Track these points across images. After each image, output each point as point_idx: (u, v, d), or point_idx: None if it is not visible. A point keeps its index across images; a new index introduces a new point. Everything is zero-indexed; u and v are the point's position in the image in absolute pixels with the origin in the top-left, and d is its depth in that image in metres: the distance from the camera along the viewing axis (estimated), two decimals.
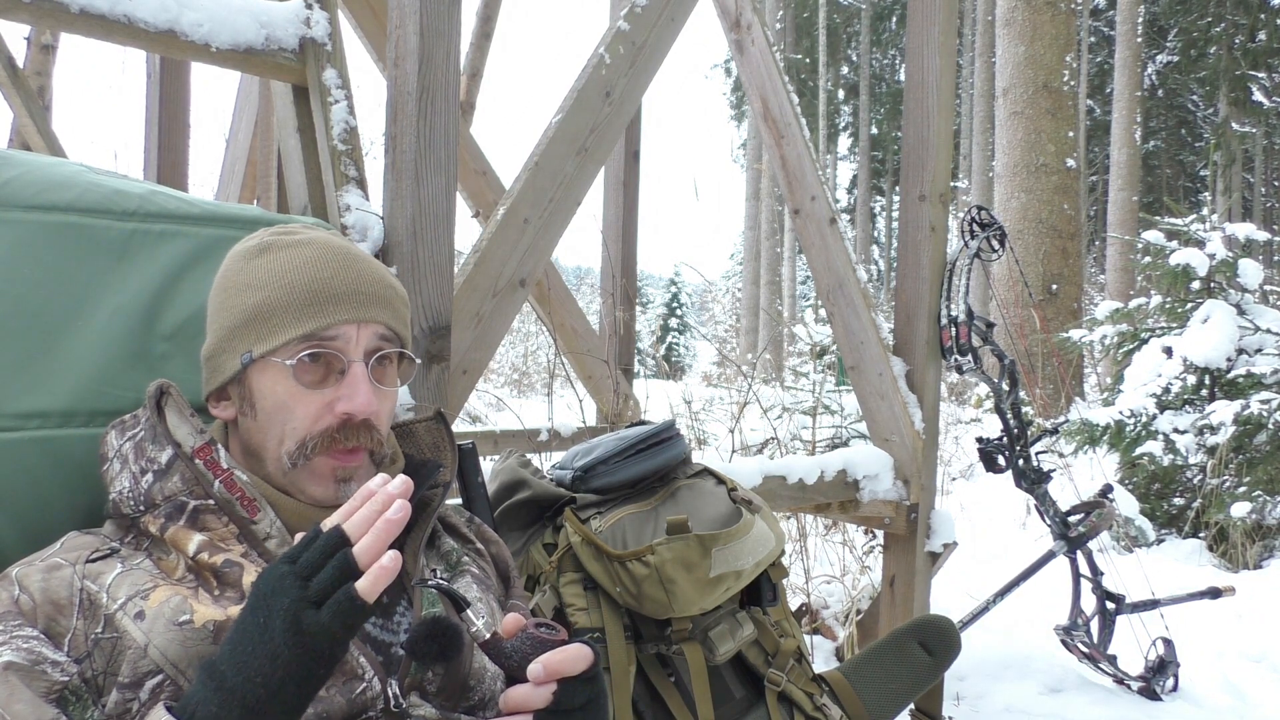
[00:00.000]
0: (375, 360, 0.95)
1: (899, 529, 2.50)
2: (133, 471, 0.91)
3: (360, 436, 0.92)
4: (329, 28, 1.70)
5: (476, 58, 3.84)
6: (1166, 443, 4.65)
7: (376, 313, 0.95)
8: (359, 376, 0.92)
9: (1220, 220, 5.41)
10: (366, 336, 0.94)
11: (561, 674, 0.79)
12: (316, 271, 0.94)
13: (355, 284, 0.94)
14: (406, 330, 1.00)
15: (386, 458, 0.98)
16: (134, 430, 0.95)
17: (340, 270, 0.95)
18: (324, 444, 0.91)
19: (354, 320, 0.93)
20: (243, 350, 0.93)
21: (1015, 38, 9.52)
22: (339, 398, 0.92)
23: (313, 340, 0.91)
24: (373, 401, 0.92)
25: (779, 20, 23.01)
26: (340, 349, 0.92)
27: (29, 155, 1.12)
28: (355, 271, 0.96)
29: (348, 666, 0.85)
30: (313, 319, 0.91)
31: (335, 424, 0.91)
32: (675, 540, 1.34)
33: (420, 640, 0.84)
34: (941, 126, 2.52)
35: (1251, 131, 18.19)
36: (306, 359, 0.91)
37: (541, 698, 0.79)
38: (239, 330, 0.93)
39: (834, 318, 2.62)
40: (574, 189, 1.90)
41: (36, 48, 3.88)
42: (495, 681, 0.95)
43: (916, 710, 1.97)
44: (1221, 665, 3.02)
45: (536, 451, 3.26)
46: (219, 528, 0.88)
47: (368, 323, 0.94)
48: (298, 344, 0.91)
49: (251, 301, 0.93)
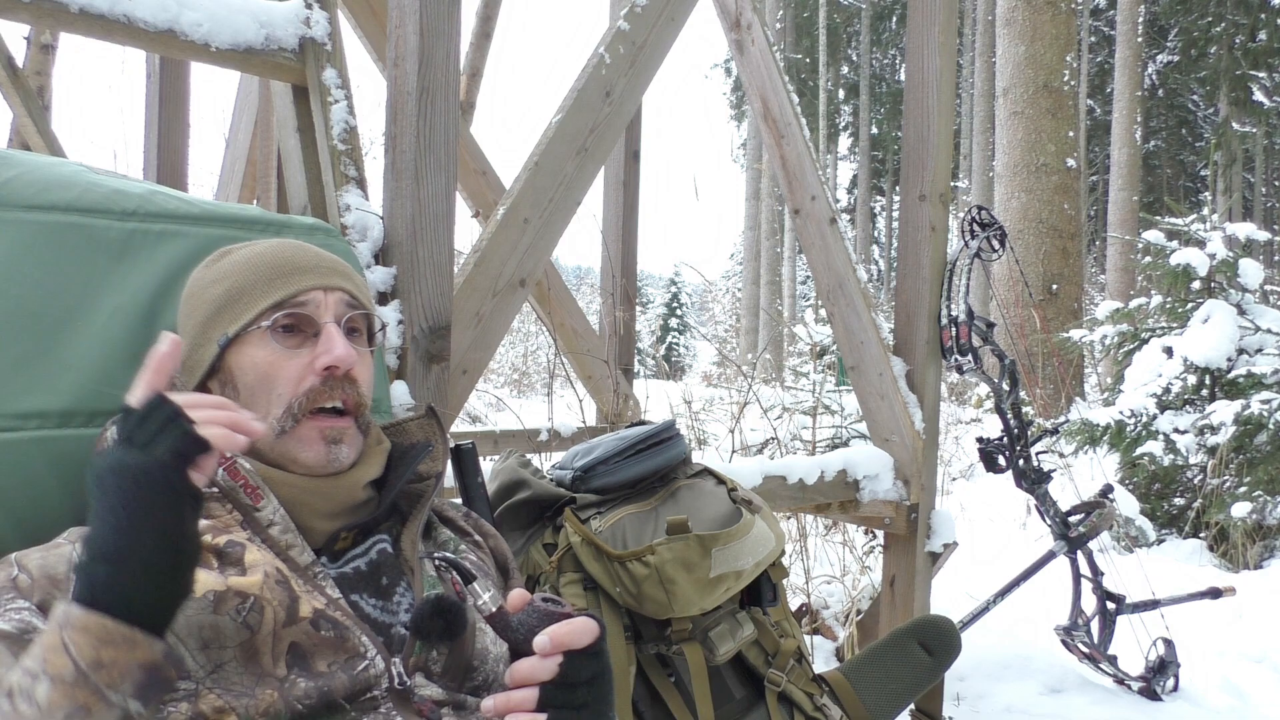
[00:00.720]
0: (345, 326, 0.99)
1: (899, 529, 2.50)
2: None
3: (345, 389, 0.95)
4: (329, 27, 1.69)
5: (476, 58, 3.83)
6: (1167, 443, 4.65)
7: (340, 281, 1.00)
8: (334, 332, 0.96)
9: (1220, 220, 5.41)
10: (334, 302, 0.98)
11: (567, 646, 0.80)
12: (278, 252, 1.00)
13: (315, 259, 1.01)
14: (370, 305, 1.04)
15: (370, 425, 1.01)
16: None
17: (299, 250, 1.01)
18: (309, 402, 0.93)
19: (320, 286, 0.98)
20: (218, 336, 0.96)
21: (1015, 37, 9.51)
22: (318, 355, 0.95)
23: (284, 306, 0.96)
24: (351, 353, 0.96)
25: (779, 20, 23.01)
26: (312, 313, 0.97)
27: (29, 155, 1.12)
28: (314, 252, 1.02)
29: (349, 644, 0.86)
30: (281, 288, 0.96)
31: (318, 381, 0.94)
32: (675, 540, 1.34)
33: (424, 619, 0.86)
34: (941, 126, 2.52)
35: (1252, 131, 18.19)
36: (281, 328, 0.95)
37: (548, 669, 0.79)
38: (211, 320, 0.97)
39: (834, 318, 2.61)
40: (574, 189, 1.90)
41: (36, 47, 3.88)
42: (498, 663, 0.96)
43: (916, 710, 1.97)
44: (1222, 665, 3.01)
45: (536, 451, 3.26)
46: (223, 514, 0.89)
47: (333, 289, 0.99)
48: (270, 312, 0.96)
49: (218, 292, 0.97)
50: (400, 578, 0.96)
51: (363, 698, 0.85)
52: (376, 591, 0.94)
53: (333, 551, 0.94)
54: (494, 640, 0.96)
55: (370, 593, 0.93)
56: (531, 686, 0.80)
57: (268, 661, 0.82)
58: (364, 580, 0.94)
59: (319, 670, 0.84)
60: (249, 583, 0.83)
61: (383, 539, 0.97)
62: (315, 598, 0.87)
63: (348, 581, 0.92)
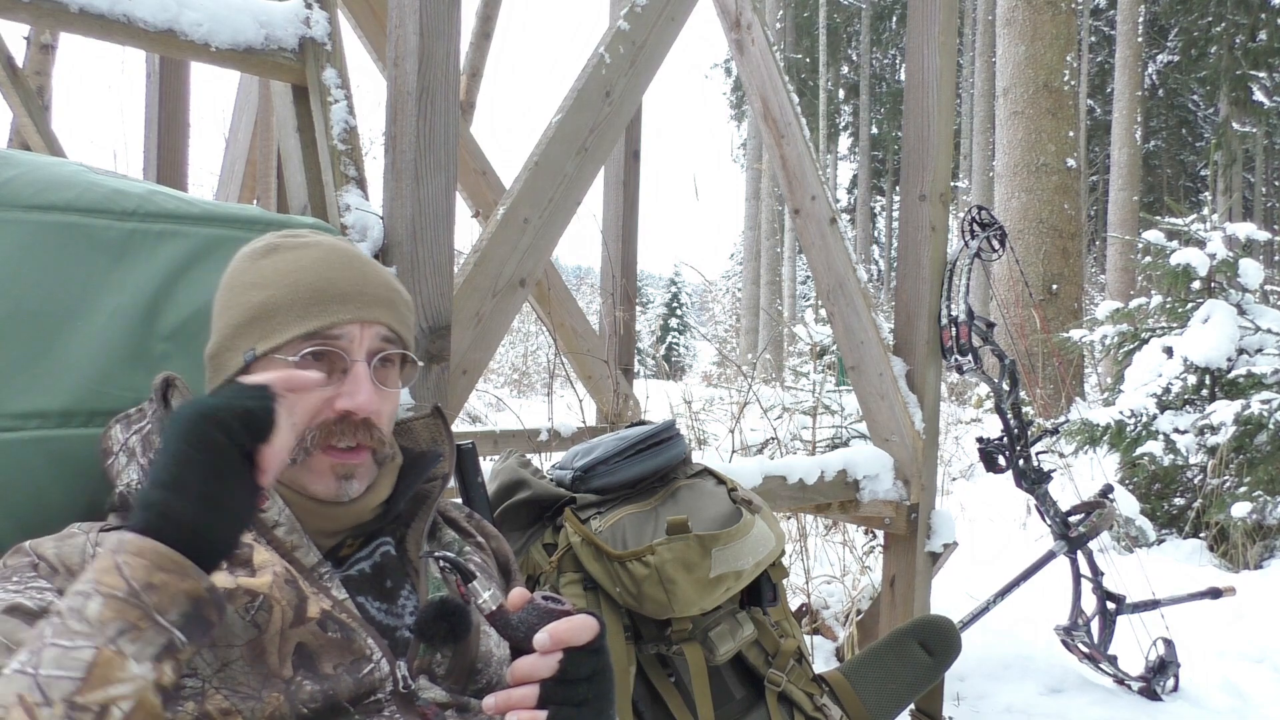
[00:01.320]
0: (378, 361, 0.95)
1: (899, 529, 2.50)
2: (141, 464, 0.93)
3: (359, 434, 0.92)
4: (329, 27, 1.69)
5: (476, 58, 3.83)
6: (1167, 443, 4.65)
7: (380, 314, 0.95)
8: (361, 375, 0.92)
9: (1221, 220, 5.41)
10: (370, 337, 0.94)
11: (567, 643, 0.80)
12: (322, 271, 0.94)
13: (360, 285, 0.95)
14: (410, 334, 1.00)
15: (389, 458, 0.98)
16: (140, 424, 0.96)
17: (345, 271, 0.95)
18: (321, 437, 0.91)
19: (358, 320, 0.93)
20: (246, 348, 0.93)
21: (1015, 37, 9.51)
22: (340, 395, 0.92)
23: (316, 338, 0.92)
24: (374, 400, 0.92)
25: (779, 20, 23.01)
26: (344, 348, 0.93)
27: (28, 155, 1.12)
28: (360, 273, 0.96)
29: (355, 645, 0.86)
30: (317, 317, 0.92)
31: (333, 418, 0.91)
32: (675, 540, 1.34)
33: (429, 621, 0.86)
34: (941, 126, 2.52)
35: (1252, 131, 18.19)
36: (310, 357, 0.92)
37: (548, 666, 0.79)
38: (243, 328, 0.94)
39: (834, 318, 2.61)
40: (574, 189, 1.90)
41: (36, 47, 3.88)
42: (502, 666, 0.96)
43: (916, 710, 1.97)
44: (1222, 665, 3.01)
45: (536, 451, 3.26)
46: None
47: (371, 323, 0.94)
48: (301, 341, 0.91)
49: (256, 300, 0.94)
50: (404, 580, 0.96)
51: (367, 700, 0.86)
52: (381, 594, 0.94)
53: (337, 557, 0.94)
54: (498, 643, 0.96)
55: (375, 595, 0.93)
56: (532, 684, 0.80)
57: (274, 661, 0.82)
58: (368, 583, 0.94)
59: (325, 672, 0.84)
60: (258, 583, 0.83)
61: (386, 541, 0.97)
62: (322, 599, 0.87)
63: (353, 584, 0.93)
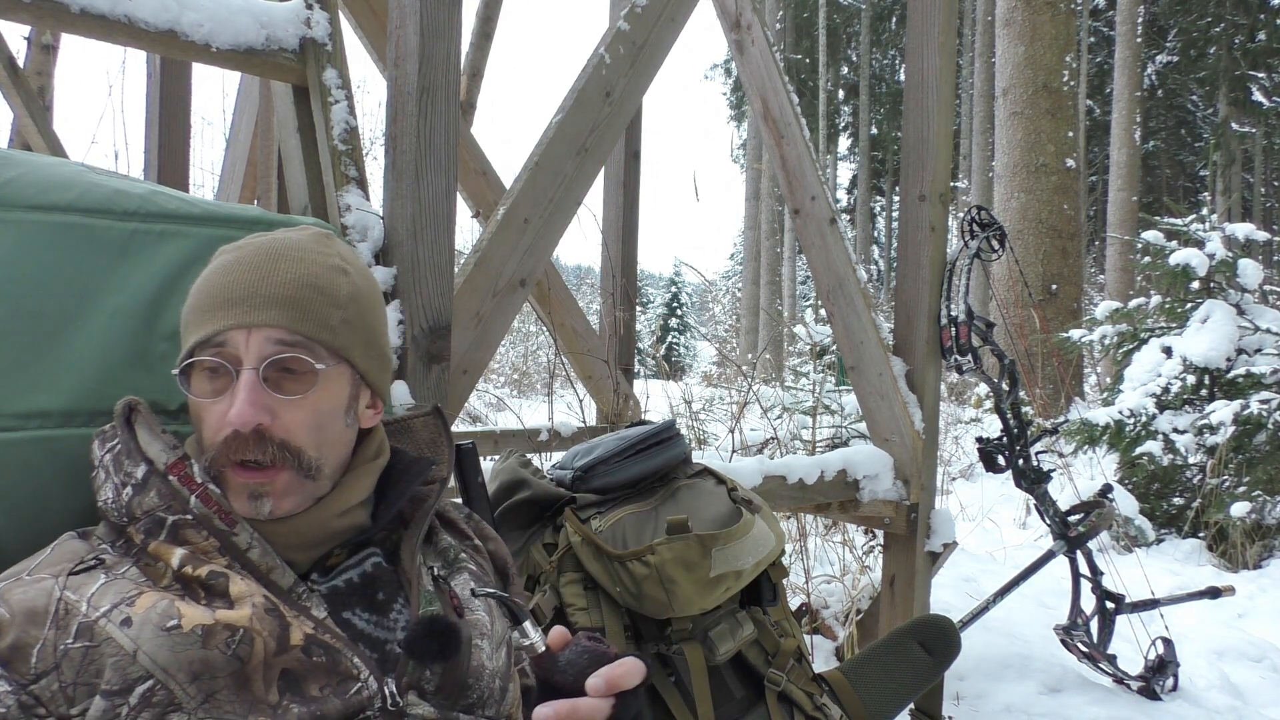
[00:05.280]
0: (271, 367, 0.88)
1: (899, 529, 2.50)
2: (115, 483, 0.90)
3: (251, 450, 0.86)
4: (329, 28, 1.70)
5: (476, 58, 3.83)
6: (1166, 443, 4.66)
7: (272, 316, 0.88)
8: (241, 384, 0.87)
9: (1220, 220, 5.41)
10: (258, 342, 0.88)
11: (621, 688, 0.80)
12: (222, 277, 0.91)
13: (254, 287, 0.89)
14: (329, 333, 0.91)
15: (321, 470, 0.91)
16: (112, 442, 0.93)
17: (247, 273, 0.90)
18: (222, 457, 0.87)
19: (242, 325, 0.88)
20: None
21: (1015, 38, 9.52)
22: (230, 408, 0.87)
23: (206, 347, 0.89)
24: (253, 412, 0.86)
25: (779, 20, 23.01)
26: (228, 356, 0.88)
27: (30, 155, 1.12)
28: (262, 273, 0.90)
29: (341, 667, 0.84)
30: (207, 325, 0.89)
31: (230, 434, 0.86)
32: (675, 540, 1.34)
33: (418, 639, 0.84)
34: (941, 126, 2.52)
35: (1251, 132, 18.20)
36: (206, 367, 0.89)
37: (603, 711, 0.80)
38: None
39: (834, 318, 2.62)
40: (574, 189, 1.90)
41: (37, 48, 3.88)
42: (493, 680, 0.94)
43: (916, 710, 1.97)
44: (1221, 665, 3.02)
45: (536, 451, 3.26)
46: (200, 541, 0.87)
47: (260, 327, 0.88)
48: (195, 351, 0.89)
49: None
50: (398, 593, 0.93)
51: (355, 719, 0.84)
52: (370, 606, 0.91)
53: (324, 568, 0.92)
54: (489, 656, 0.94)
55: (363, 607, 0.91)
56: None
57: (259, 688, 0.80)
58: (356, 594, 0.91)
59: (311, 695, 0.82)
60: (238, 616, 0.81)
61: (374, 552, 0.95)
62: (304, 622, 0.85)
63: (339, 596, 0.90)
